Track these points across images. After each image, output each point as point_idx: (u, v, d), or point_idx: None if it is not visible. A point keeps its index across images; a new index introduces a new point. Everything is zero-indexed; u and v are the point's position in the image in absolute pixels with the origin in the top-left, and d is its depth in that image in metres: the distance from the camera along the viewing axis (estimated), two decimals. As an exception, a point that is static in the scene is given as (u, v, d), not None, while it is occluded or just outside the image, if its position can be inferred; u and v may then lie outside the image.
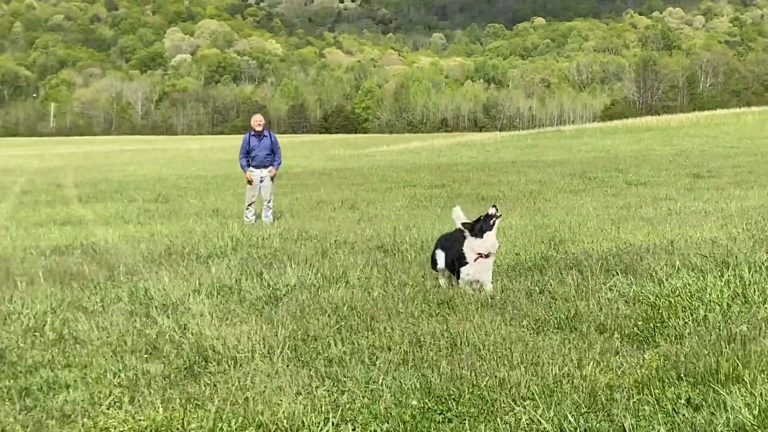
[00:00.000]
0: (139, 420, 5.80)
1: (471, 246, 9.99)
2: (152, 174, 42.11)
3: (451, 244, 10.34)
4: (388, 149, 70.56)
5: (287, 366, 6.98)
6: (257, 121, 19.59)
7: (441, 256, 10.43)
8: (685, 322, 7.97)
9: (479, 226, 9.97)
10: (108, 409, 6.10)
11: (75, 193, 30.00)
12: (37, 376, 6.97)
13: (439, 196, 24.69)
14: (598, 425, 5.51)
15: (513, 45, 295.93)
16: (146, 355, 7.45)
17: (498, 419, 5.65)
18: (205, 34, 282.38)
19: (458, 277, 10.12)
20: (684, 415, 5.62)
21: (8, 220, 20.50)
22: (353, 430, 5.53)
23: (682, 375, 6.37)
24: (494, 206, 10.16)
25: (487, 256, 10.00)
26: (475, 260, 9.97)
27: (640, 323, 8.01)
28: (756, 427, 5.36)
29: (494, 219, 9.95)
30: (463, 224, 10.19)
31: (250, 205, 19.41)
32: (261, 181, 19.36)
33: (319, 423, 5.61)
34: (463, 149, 64.33)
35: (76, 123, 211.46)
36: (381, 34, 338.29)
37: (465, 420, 5.68)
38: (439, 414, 5.80)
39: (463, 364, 6.83)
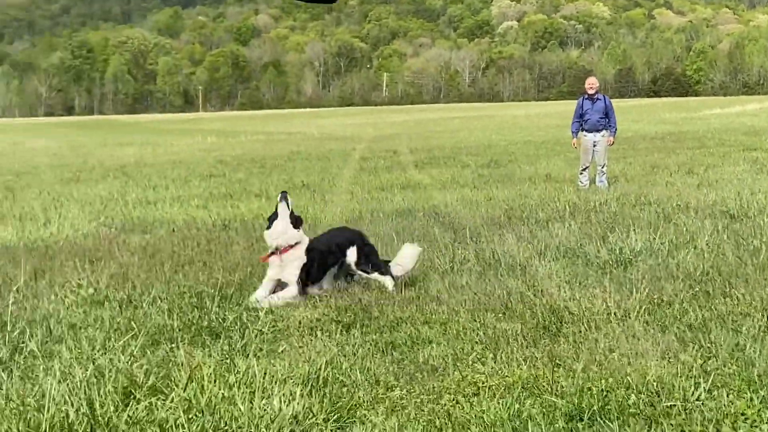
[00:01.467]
0: (505, 376, 5.93)
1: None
2: (482, 140, 42.79)
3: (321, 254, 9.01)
4: (722, 112, 67.63)
5: (645, 330, 6.87)
6: (590, 83, 19.40)
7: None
8: None
9: (271, 215, 8.99)
10: (473, 363, 6.28)
11: (411, 159, 31.06)
12: (400, 331, 7.29)
13: (787, 160, 23.28)
14: None
15: None
16: (500, 314, 7.60)
17: None
18: (532, 0, 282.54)
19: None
20: None
21: (353, 185, 21.58)
22: (728, 395, 5.34)
23: None
24: (283, 192, 9.14)
25: (281, 251, 8.77)
26: (269, 256, 8.86)
27: None
28: None
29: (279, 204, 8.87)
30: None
31: (584, 169, 19.20)
32: (594, 146, 19.11)
33: (690, 387, 5.45)
34: (808, 111, 60.32)
35: (406, 92, 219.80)
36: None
37: None
38: (823, 387, 5.45)
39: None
